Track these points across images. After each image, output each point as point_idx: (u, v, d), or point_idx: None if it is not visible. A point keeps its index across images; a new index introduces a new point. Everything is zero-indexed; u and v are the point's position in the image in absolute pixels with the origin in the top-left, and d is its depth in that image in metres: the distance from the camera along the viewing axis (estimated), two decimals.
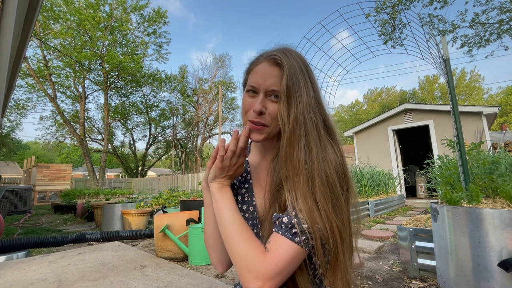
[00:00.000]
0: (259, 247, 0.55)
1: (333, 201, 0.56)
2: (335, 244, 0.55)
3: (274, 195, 0.65)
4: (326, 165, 0.58)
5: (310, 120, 0.62)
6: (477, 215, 1.38)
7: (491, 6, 7.88)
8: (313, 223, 0.53)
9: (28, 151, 37.51)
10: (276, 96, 0.64)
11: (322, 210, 0.54)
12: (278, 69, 0.65)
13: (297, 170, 0.58)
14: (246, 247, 0.55)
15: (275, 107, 0.64)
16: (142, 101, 23.54)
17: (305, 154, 0.59)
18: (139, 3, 18.15)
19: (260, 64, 0.68)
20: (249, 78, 0.69)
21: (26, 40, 2.68)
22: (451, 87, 1.97)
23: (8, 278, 2.07)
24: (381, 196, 6.63)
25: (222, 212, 0.62)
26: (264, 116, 0.65)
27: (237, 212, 0.62)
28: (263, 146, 0.74)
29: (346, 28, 3.78)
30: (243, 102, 0.69)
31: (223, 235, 0.61)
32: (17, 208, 7.83)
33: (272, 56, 0.66)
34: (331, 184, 0.57)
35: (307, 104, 0.63)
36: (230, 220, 0.60)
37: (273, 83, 0.64)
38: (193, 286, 1.86)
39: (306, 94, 0.63)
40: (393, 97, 44.74)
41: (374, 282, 2.21)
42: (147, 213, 4.67)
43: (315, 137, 0.61)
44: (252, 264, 0.53)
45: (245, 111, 0.68)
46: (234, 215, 0.61)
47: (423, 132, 9.62)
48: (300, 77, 0.64)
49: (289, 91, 0.62)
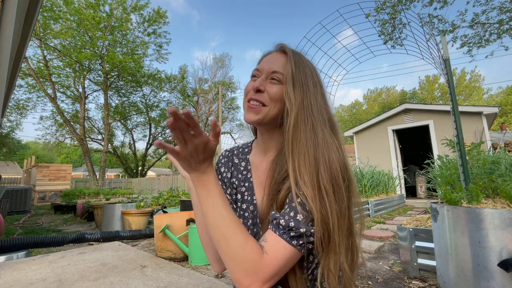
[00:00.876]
0: (256, 249, 0.52)
1: (334, 187, 0.56)
2: (332, 226, 0.54)
3: (274, 194, 0.65)
4: (330, 152, 0.59)
5: (317, 108, 0.63)
6: (477, 215, 1.38)
7: (491, 6, 7.88)
8: (315, 199, 0.53)
9: (28, 151, 37.52)
10: (278, 80, 0.66)
11: (323, 188, 0.55)
12: (284, 56, 0.68)
13: (303, 147, 0.59)
14: (244, 251, 0.51)
15: (275, 89, 0.65)
16: (142, 101, 23.54)
17: (312, 135, 0.60)
18: (139, 3, 18.16)
19: (269, 55, 0.71)
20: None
21: (26, 40, 2.68)
22: (451, 87, 1.97)
23: (8, 278, 2.06)
24: (381, 196, 6.63)
25: (209, 211, 0.53)
26: (263, 95, 0.66)
27: (228, 209, 0.54)
28: (263, 142, 0.74)
29: (348, 27, 3.78)
30: (246, 87, 0.71)
31: (214, 239, 0.54)
32: (17, 208, 7.83)
33: (280, 45, 0.70)
34: (333, 170, 0.57)
35: (314, 94, 0.64)
36: (219, 221, 0.52)
37: (276, 66, 0.66)
38: (193, 286, 1.86)
39: (313, 86, 0.65)
40: (393, 97, 44.73)
41: (374, 282, 2.21)
42: (147, 213, 4.67)
43: (322, 125, 0.62)
44: (250, 268, 0.51)
45: (246, 93, 0.70)
46: (223, 214, 0.53)
47: (423, 132, 9.62)
48: (307, 70, 0.66)
49: (294, 75, 0.64)
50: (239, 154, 0.83)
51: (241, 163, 0.80)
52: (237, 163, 0.81)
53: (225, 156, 0.85)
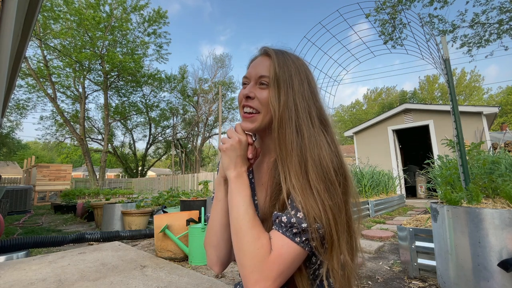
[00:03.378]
0: (265, 245, 0.54)
1: (326, 183, 0.56)
2: (328, 223, 0.54)
3: (275, 194, 0.65)
4: (319, 149, 0.59)
5: (302, 107, 0.64)
6: (477, 215, 1.38)
7: (491, 6, 7.88)
8: (306, 200, 0.54)
9: (28, 151, 37.47)
10: (266, 84, 0.66)
11: (314, 189, 0.55)
12: (269, 59, 0.68)
13: (289, 150, 0.60)
14: (254, 246, 0.54)
15: (264, 93, 0.66)
16: (142, 101, 23.56)
17: (297, 136, 0.61)
18: (139, 3, 18.17)
19: (255, 59, 0.72)
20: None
21: (26, 40, 2.68)
22: (451, 87, 1.97)
23: (8, 278, 2.06)
24: (381, 196, 6.63)
25: (236, 204, 0.60)
26: (253, 101, 0.66)
27: (251, 206, 0.60)
28: (265, 145, 0.74)
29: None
30: (238, 95, 0.72)
31: (233, 230, 0.59)
32: (17, 208, 7.83)
33: (264, 49, 0.71)
34: (324, 167, 0.57)
35: (299, 92, 0.64)
36: (242, 215, 0.58)
37: (262, 70, 0.67)
38: (193, 286, 1.86)
39: (299, 83, 0.65)
40: (393, 97, 44.71)
41: (374, 282, 2.21)
42: (147, 213, 4.67)
43: (308, 123, 0.62)
44: (257, 264, 0.52)
45: (239, 101, 0.71)
46: (247, 209, 0.59)
47: (423, 132, 9.62)
48: (292, 68, 0.66)
49: (278, 77, 0.64)
50: None
51: None
52: None
53: None
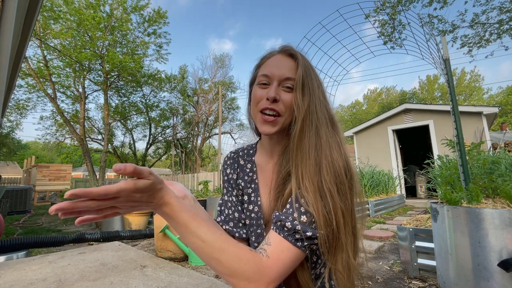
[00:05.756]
0: (252, 256, 0.51)
1: (337, 185, 0.57)
2: (337, 225, 0.54)
3: (278, 191, 0.65)
4: (332, 151, 0.60)
5: (321, 111, 0.64)
6: (477, 215, 1.38)
7: (491, 6, 7.88)
8: (317, 204, 0.54)
9: (28, 151, 37.48)
10: (289, 87, 0.65)
11: (327, 191, 0.55)
12: (292, 60, 0.68)
13: (306, 153, 0.60)
14: (240, 265, 0.49)
15: (289, 96, 0.65)
16: (142, 101, 23.53)
17: (316, 139, 0.61)
18: (139, 3, 18.16)
19: (273, 57, 0.70)
20: (260, 70, 0.70)
21: (26, 40, 2.68)
22: (451, 87, 1.97)
23: (8, 278, 2.06)
24: (381, 196, 6.63)
25: (187, 239, 0.51)
26: (278, 104, 0.65)
27: (204, 230, 0.50)
28: (270, 145, 0.74)
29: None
30: (254, 94, 0.69)
31: (205, 262, 0.51)
32: (17, 208, 7.82)
33: (286, 49, 0.70)
34: (336, 168, 0.58)
35: (317, 96, 0.65)
36: (201, 245, 0.50)
37: (288, 72, 0.66)
38: (193, 286, 1.86)
39: (317, 87, 0.66)
40: (393, 97, 44.69)
41: (374, 282, 2.21)
42: (147, 213, 4.67)
43: (325, 126, 0.63)
44: (253, 275, 0.50)
45: (257, 101, 0.68)
46: (201, 237, 0.49)
47: (423, 132, 9.62)
48: (311, 71, 0.67)
49: (304, 80, 0.64)
50: (244, 155, 0.82)
51: (247, 164, 0.80)
52: (243, 164, 0.80)
53: (231, 157, 0.85)
